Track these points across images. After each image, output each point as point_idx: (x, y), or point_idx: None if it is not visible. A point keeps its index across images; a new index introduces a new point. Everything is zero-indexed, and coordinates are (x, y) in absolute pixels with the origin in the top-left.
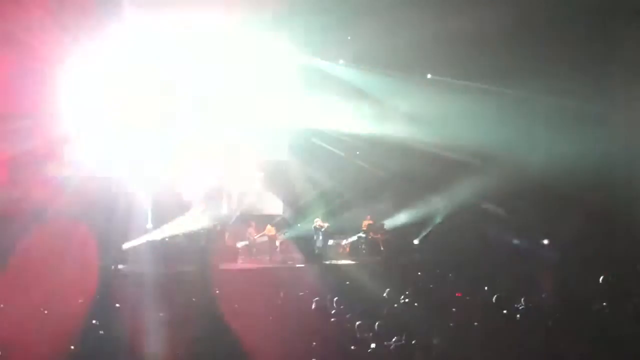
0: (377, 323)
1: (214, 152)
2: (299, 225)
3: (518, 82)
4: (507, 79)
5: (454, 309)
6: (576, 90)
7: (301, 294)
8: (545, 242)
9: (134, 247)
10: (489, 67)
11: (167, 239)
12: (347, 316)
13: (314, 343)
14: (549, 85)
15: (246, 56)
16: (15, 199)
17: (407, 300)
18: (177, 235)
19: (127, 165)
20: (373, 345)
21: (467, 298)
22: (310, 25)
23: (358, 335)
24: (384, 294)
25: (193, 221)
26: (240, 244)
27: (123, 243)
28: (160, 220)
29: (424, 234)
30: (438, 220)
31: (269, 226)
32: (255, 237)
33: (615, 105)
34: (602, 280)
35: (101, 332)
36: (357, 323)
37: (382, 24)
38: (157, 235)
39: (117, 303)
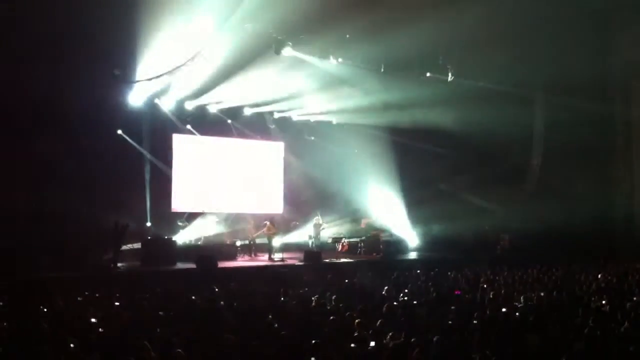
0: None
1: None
2: (297, 223)
3: None
4: None
5: (452, 307)
6: None
7: (300, 291)
8: None
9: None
10: None
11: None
12: (346, 314)
13: (313, 341)
14: None
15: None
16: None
17: (406, 298)
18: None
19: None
20: (372, 343)
21: (467, 296)
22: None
23: (357, 333)
24: (383, 292)
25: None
26: (239, 242)
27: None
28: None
29: (423, 232)
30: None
31: (268, 224)
32: (254, 235)
33: None
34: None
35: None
36: (356, 321)
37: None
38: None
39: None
